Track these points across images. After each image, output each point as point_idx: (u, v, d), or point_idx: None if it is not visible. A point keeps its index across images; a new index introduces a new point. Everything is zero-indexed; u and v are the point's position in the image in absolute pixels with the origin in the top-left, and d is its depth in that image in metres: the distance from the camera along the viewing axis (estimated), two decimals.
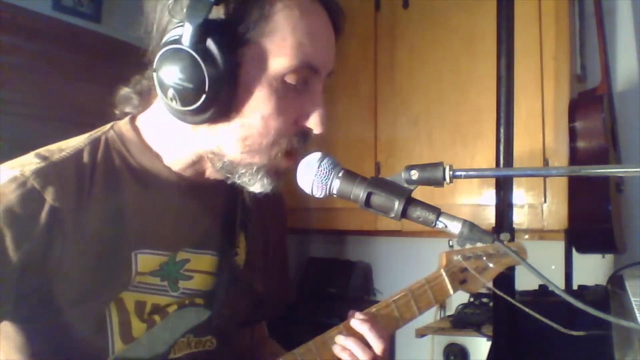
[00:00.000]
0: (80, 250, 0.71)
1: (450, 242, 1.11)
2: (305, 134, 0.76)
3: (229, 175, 0.77)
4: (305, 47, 0.72)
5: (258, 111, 0.72)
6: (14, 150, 0.78)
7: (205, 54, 0.67)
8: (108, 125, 0.83)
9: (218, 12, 0.69)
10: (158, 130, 0.80)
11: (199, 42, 0.67)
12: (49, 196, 0.69)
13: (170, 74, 0.68)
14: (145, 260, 0.77)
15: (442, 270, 1.06)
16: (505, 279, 1.25)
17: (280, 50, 0.71)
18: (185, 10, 0.67)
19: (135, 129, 0.81)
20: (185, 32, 0.67)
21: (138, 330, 0.77)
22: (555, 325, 0.97)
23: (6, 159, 0.76)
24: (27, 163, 0.72)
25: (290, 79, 0.72)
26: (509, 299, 1.16)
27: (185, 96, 0.69)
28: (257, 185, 0.76)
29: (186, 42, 0.67)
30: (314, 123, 0.75)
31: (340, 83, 2.29)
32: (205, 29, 0.67)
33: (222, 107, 0.70)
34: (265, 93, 0.72)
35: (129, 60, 0.81)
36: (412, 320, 1.01)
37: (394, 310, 0.98)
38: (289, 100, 0.73)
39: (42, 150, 0.75)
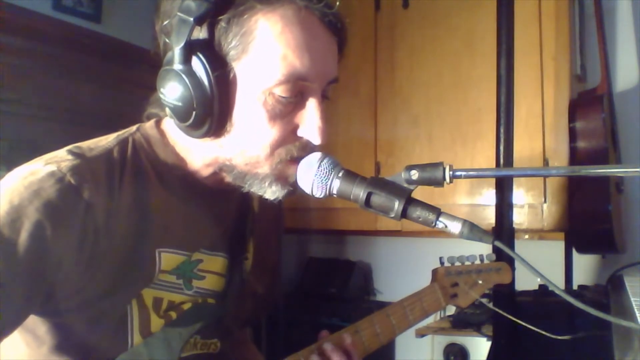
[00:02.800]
0: (109, 247, 0.73)
1: (442, 258, 1.17)
2: (306, 143, 0.77)
3: (242, 185, 0.79)
4: (290, 59, 0.72)
5: (250, 125, 0.74)
6: (14, 150, 0.78)
7: (191, 74, 0.71)
8: (134, 127, 0.85)
9: (201, 33, 0.72)
10: (180, 135, 0.82)
11: (184, 62, 0.71)
12: (85, 193, 0.71)
13: (165, 94, 0.73)
14: (168, 259, 0.79)
15: (435, 284, 1.13)
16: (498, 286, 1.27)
17: (264, 64, 0.72)
18: (172, 32, 0.71)
19: (161, 132, 0.84)
20: (174, 54, 0.71)
21: (156, 326, 0.79)
22: (539, 331, 1.01)
23: (6, 159, 0.76)
24: (62, 159, 0.73)
25: (280, 92, 0.73)
26: (499, 310, 1.24)
27: (178, 113, 0.73)
28: (269, 193, 0.78)
29: (175, 64, 0.71)
30: (310, 134, 0.76)
31: (340, 83, 2.27)
32: (189, 50, 0.70)
33: (216, 121, 0.73)
34: (255, 107, 0.73)
35: (128, 60, 0.82)
36: (407, 330, 1.08)
37: (391, 320, 1.04)
38: (283, 112, 0.74)
39: (73, 148, 0.77)
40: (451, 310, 2.21)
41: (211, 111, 0.72)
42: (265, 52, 0.72)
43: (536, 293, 1.70)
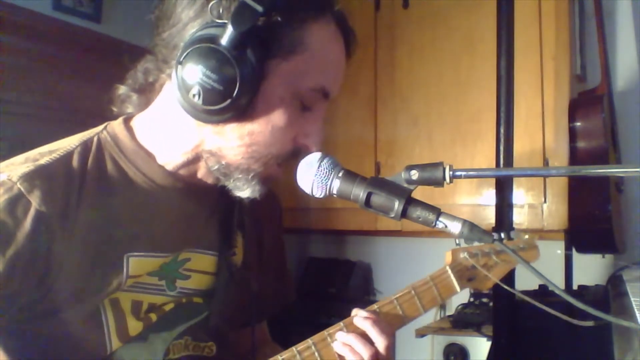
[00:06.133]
0: (69, 253, 0.71)
1: (457, 240, 1.05)
2: (299, 151, 0.78)
3: (221, 178, 0.78)
4: (326, 73, 0.77)
5: (271, 122, 0.74)
6: (14, 150, 0.78)
7: (242, 60, 0.68)
8: (101, 126, 0.83)
9: (260, 23, 0.69)
10: (155, 127, 0.80)
11: (238, 47, 0.68)
12: (35, 200, 0.69)
13: (199, 71, 0.68)
14: (139, 263, 0.77)
15: (447, 268, 1.04)
16: (505, 279, 1.25)
17: (306, 70, 0.74)
18: (227, 12, 0.68)
19: (129, 129, 0.82)
20: (225, 35, 0.67)
21: (134, 329, 0.78)
22: (564, 317, 0.93)
23: (6, 159, 0.76)
24: (17, 166, 0.72)
25: (304, 99, 0.76)
26: (517, 292, 1.11)
27: (210, 95, 0.69)
28: (248, 191, 0.78)
29: (227, 45, 0.67)
30: (312, 142, 0.78)
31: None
32: (247, 37, 0.68)
33: (239, 112, 0.72)
34: (282, 107, 0.74)
35: (129, 60, 0.81)
36: (417, 318, 0.99)
37: (397, 308, 0.96)
38: (296, 117, 0.76)
39: (32, 153, 0.76)
40: (451, 310, 2.21)
41: (243, 100, 0.71)
42: (310, 60, 0.74)
43: (536, 293, 1.70)
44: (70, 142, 0.78)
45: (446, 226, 0.67)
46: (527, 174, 0.93)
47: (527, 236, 1.12)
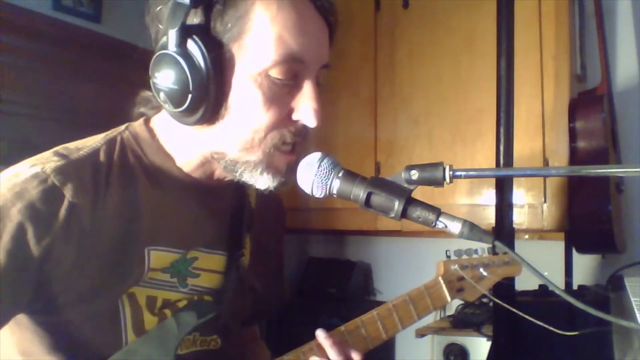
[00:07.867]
0: (95, 245, 0.73)
1: (448, 252, 1.13)
2: (301, 128, 0.77)
3: (232, 175, 0.79)
4: (286, 40, 0.73)
5: (245, 108, 0.74)
6: (14, 150, 0.78)
7: (187, 56, 0.70)
8: (123, 126, 0.85)
9: (197, 16, 0.72)
10: (170, 132, 0.83)
11: (180, 45, 0.70)
12: (68, 193, 0.71)
13: (160, 79, 0.73)
14: (158, 257, 0.79)
15: (440, 279, 1.09)
16: (505, 279, 1.25)
17: (260, 46, 0.72)
18: (166, 17, 0.71)
19: (150, 130, 0.84)
20: (169, 38, 0.71)
21: (150, 324, 0.79)
22: (550, 328, 0.97)
23: (6, 158, 0.76)
24: (48, 160, 0.74)
25: (275, 74, 0.73)
26: (505, 305, 1.18)
27: (174, 98, 0.72)
28: (260, 182, 0.77)
29: (171, 47, 0.71)
30: (305, 116, 0.76)
31: (340, 83, 2.28)
32: (185, 33, 0.70)
33: (211, 106, 0.73)
34: (250, 89, 0.73)
35: (129, 60, 0.82)
36: (411, 325, 1.04)
37: (394, 315, 1.01)
38: (278, 95, 0.74)
39: (60, 149, 0.78)
40: (451, 310, 2.21)
41: (207, 94, 0.72)
42: (262, 34, 0.72)
43: (536, 293, 1.70)
44: (95, 140, 0.81)
45: (446, 226, 0.67)
46: (527, 174, 0.93)
47: (527, 236, 1.17)
